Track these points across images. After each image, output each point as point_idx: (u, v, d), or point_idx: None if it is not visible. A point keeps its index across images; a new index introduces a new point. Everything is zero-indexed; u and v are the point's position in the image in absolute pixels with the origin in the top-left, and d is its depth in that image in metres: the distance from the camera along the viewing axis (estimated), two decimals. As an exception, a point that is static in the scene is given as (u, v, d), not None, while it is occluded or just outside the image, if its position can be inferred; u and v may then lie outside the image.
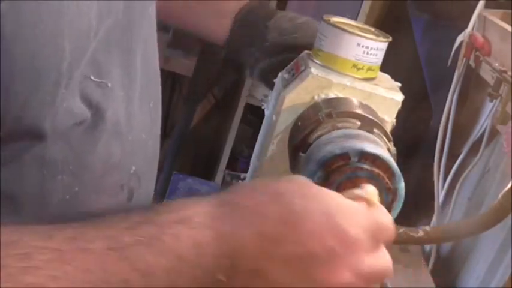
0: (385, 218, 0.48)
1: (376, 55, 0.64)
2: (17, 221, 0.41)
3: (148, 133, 0.58)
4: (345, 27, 0.64)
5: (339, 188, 0.54)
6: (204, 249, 0.43)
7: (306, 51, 0.69)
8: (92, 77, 0.47)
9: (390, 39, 0.65)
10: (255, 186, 0.48)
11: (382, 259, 0.47)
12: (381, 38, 0.65)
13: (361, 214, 0.47)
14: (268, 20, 0.76)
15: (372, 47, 0.64)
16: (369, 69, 0.64)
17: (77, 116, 0.46)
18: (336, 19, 0.66)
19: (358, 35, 0.63)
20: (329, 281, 0.44)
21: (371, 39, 0.64)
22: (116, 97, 0.51)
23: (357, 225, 0.45)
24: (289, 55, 0.70)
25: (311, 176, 0.56)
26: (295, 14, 0.77)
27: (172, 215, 0.44)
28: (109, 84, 0.49)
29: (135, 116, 0.54)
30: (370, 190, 0.52)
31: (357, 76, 0.64)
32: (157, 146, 0.62)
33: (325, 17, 0.66)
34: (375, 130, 0.61)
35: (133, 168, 0.55)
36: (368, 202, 0.49)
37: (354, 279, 0.45)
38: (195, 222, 0.43)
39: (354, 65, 0.64)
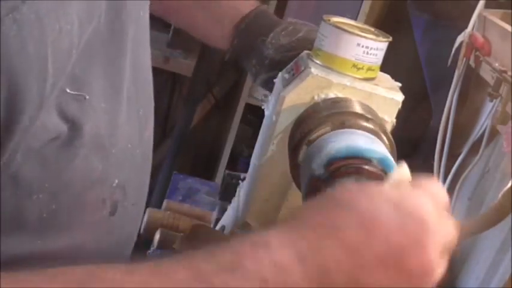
0: (436, 187, 0.50)
1: (376, 55, 0.64)
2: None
3: (137, 141, 0.57)
4: (345, 27, 0.64)
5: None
6: (289, 270, 0.42)
7: (305, 51, 0.69)
8: (68, 90, 0.45)
9: (390, 39, 0.65)
10: (318, 203, 0.47)
11: (448, 226, 0.49)
12: (380, 38, 0.65)
13: (422, 195, 0.48)
14: (267, 35, 0.75)
15: (372, 47, 0.64)
16: (369, 69, 0.64)
17: (51, 132, 0.45)
18: (336, 19, 0.66)
19: (358, 35, 0.63)
20: (422, 266, 0.45)
21: (371, 39, 0.64)
22: (96, 109, 0.48)
23: (427, 205, 0.47)
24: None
25: (311, 177, 0.56)
26: (296, 25, 0.76)
27: (245, 241, 0.44)
28: (87, 97, 0.47)
29: (120, 127, 0.52)
30: (403, 170, 0.52)
31: (357, 76, 0.64)
32: (149, 153, 0.61)
33: (325, 17, 0.66)
34: (376, 130, 0.61)
35: (116, 181, 0.53)
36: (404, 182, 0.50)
37: (439, 255, 0.47)
38: (271, 245, 0.43)
39: (354, 65, 0.64)
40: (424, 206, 0.47)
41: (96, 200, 0.52)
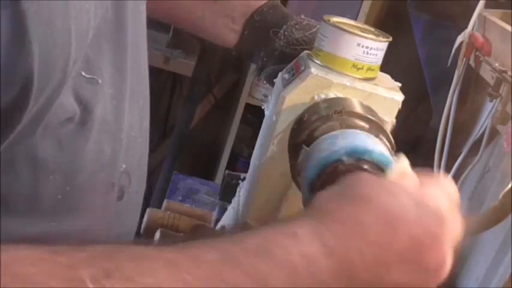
0: (450, 185, 0.51)
1: (376, 55, 0.64)
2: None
3: (138, 131, 0.58)
4: (345, 27, 0.64)
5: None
6: (317, 263, 0.42)
7: (306, 51, 0.69)
8: (83, 73, 0.46)
9: (390, 39, 0.65)
10: (341, 197, 0.47)
11: (457, 223, 0.49)
12: (380, 38, 0.65)
13: (436, 189, 0.49)
14: (279, 27, 0.75)
15: (372, 47, 0.64)
16: (369, 69, 0.64)
17: (67, 112, 0.46)
18: (336, 19, 0.66)
19: (358, 35, 0.63)
20: (438, 263, 0.46)
21: (371, 39, 0.64)
22: (105, 94, 0.50)
23: (442, 201, 0.47)
24: None
25: (312, 176, 0.56)
26: (308, 22, 0.76)
27: (273, 229, 0.44)
28: (99, 81, 0.48)
29: (124, 114, 0.54)
30: (403, 163, 0.53)
31: (357, 76, 0.64)
32: (147, 145, 0.62)
33: (325, 17, 0.66)
34: (376, 130, 0.61)
35: (124, 166, 0.54)
36: (404, 176, 0.51)
37: (450, 250, 0.47)
38: (300, 236, 0.43)
39: (354, 65, 0.64)
40: (441, 201, 0.47)
41: (106, 183, 0.53)
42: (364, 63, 0.64)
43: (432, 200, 0.47)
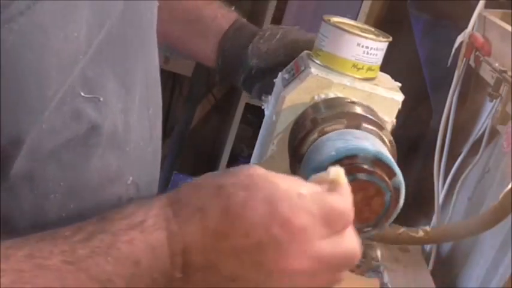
0: (339, 201, 0.47)
1: (376, 55, 0.64)
2: None
3: (148, 139, 0.58)
4: (345, 27, 0.64)
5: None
6: (159, 251, 0.43)
7: (306, 51, 0.69)
8: (83, 94, 0.46)
9: (390, 39, 0.65)
10: (200, 182, 0.47)
11: (343, 243, 0.47)
12: (380, 38, 0.65)
13: (310, 200, 0.46)
14: (247, 46, 0.75)
15: (372, 47, 0.64)
16: (369, 69, 0.64)
17: (65, 134, 0.46)
18: (336, 19, 0.66)
19: (358, 35, 0.63)
20: (284, 269, 0.44)
21: (371, 39, 0.64)
22: (113, 109, 0.50)
23: (304, 213, 0.45)
24: (277, 74, 0.70)
25: (315, 170, 0.56)
26: (272, 30, 0.76)
27: (124, 221, 0.44)
28: (101, 99, 0.48)
29: (133, 125, 0.54)
30: (333, 171, 0.50)
31: (357, 76, 0.64)
32: (158, 150, 0.62)
33: (325, 17, 0.66)
34: (375, 130, 0.61)
35: (131, 178, 0.54)
36: (332, 183, 0.48)
37: (313, 265, 0.45)
38: (147, 226, 0.44)
39: (354, 65, 0.64)
40: (302, 216, 0.45)
41: (113, 197, 0.53)
42: (364, 63, 0.64)
43: (292, 213, 0.44)
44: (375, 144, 0.57)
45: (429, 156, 1.32)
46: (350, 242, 0.47)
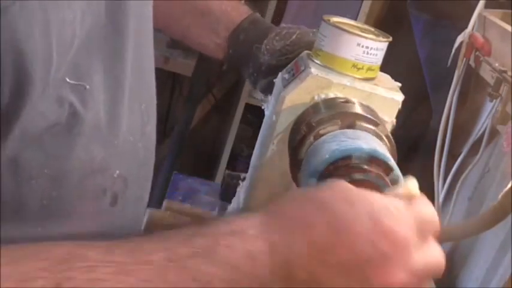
0: (428, 210, 0.49)
1: (376, 55, 0.64)
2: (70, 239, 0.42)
3: (139, 135, 0.57)
4: (345, 27, 0.64)
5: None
6: (259, 260, 0.44)
7: (306, 51, 0.69)
8: (68, 79, 0.46)
9: (390, 39, 0.65)
10: (299, 197, 0.48)
11: (432, 252, 0.48)
12: (380, 38, 0.65)
13: (405, 212, 0.47)
14: (260, 41, 0.76)
15: (372, 47, 0.63)
16: (369, 69, 0.64)
17: (49, 119, 0.46)
18: (336, 19, 0.66)
19: (358, 35, 0.63)
20: (387, 283, 0.45)
21: (371, 39, 0.64)
22: (97, 100, 0.49)
23: (404, 224, 0.46)
24: None
25: (312, 175, 0.56)
26: (288, 30, 0.76)
27: (224, 227, 0.45)
28: (87, 87, 0.48)
29: (121, 119, 0.53)
30: (409, 184, 0.52)
31: (357, 76, 0.64)
32: (151, 148, 0.62)
33: (325, 17, 0.66)
34: (370, 127, 0.61)
35: (118, 171, 0.54)
36: (409, 196, 0.50)
37: (411, 277, 0.45)
38: (247, 234, 0.44)
39: (354, 65, 0.64)
40: (403, 228, 0.46)
41: (97, 189, 0.52)
42: (364, 63, 0.64)
43: (395, 225, 0.45)
44: (368, 142, 0.57)
45: (429, 156, 1.32)
46: (436, 251, 0.48)
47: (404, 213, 0.47)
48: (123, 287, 0.40)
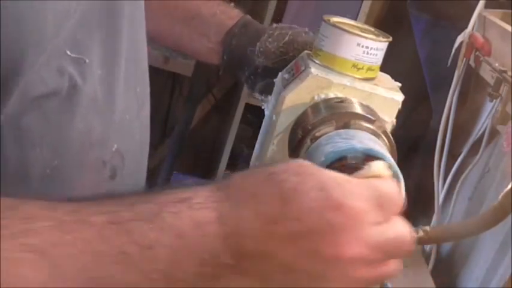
0: (389, 187, 0.47)
1: (376, 55, 0.64)
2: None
3: (135, 116, 0.59)
4: (345, 27, 0.64)
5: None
6: (206, 229, 0.43)
7: (306, 51, 0.69)
8: (69, 52, 0.48)
9: (390, 39, 0.65)
10: (249, 172, 0.48)
11: (396, 228, 0.46)
12: (380, 38, 0.65)
13: (362, 186, 0.46)
14: (253, 44, 0.75)
15: (372, 47, 0.64)
16: (369, 69, 0.64)
17: (50, 87, 0.47)
18: (336, 19, 0.66)
19: (358, 35, 0.63)
20: (338, 255, 0.44)
21: (371, 39, 0.64)
22: (94, 74, 0.51)
23: (358, 197, 0.45)
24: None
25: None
26: (281, 30, 0.75)
27: (171, 195, 0.44)
28: (86, 60, 0.50)
29: (118, 97, 0.55)
30: (375, 166, 0.50)
31: (357, 76, 0.64)
32: (146, 132, 0.63)
33: (325, 17, 0.66)
34: (376, 130, 0.61)
35: (115, 146, 0.55)
36: (375, 177, 0.48)
37: (366, 250, 0.44)
38: (195, 202, 0.43)
39: (354, 65, 0.64)
40: (355, 200, 0.44)
41: (97, 161, 0.53)
42: (364, 63, 0.64)
43: (348, 194, 0.44)
44: (362, 140, 0.57)
45: (429, 156, 1.32)
46: (401, 228, 0.47)
47: (358, 187, 0.45)
48: (59, 242, 0.40)
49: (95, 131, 0.52)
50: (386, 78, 0.69)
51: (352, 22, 0.68)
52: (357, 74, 0.64)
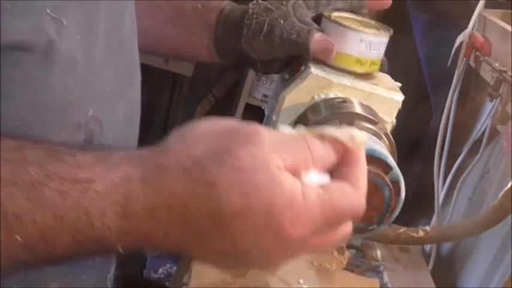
0: (350, 204, 0.44)
1: (379, 49, 0.64)
2: None
3: (117, 93, 0.58)
4: (347, 24, 0.64)
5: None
6: (132, 186, 0.41)
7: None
8: (49, 11, 0.48)
9: (391, 31, 0.65)
10: (188, 164, 0.42)
11: (332, 237, 0.45)
12: (382, 32, 0.65)
13: (315, 206, 0.42)
14: (239, 42, 0.70)
15: (375, 42, 0.64)
16: (372, 63, 0.64)
17: (24, 39, 0.47)
18: (336, 14, 0.66)
19: (361, 31, 0.63)
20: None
21: (373, 34, 0.64)
22: (72, 37, 0.51)
23: (306, 222, 0.42)
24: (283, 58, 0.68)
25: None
26: (257, 16, 0.69)
27: (76, 168, 0.42)
28: (64, 22, 0.50)
29: (97, 66, 0.55)
30: (347, 133, 0.45)
31: (359, 71, 0.64)
32: (134, 115, 0.63)
33: (325, 12, 0.66)
34: (376, 130, 0.61)
35: (92, 111, 0.54)
36: (351, 142, 0.44)
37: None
38: (92, 189, 0.41)
39: (358, 61, 0.64)
40: (304, 227, 0.42)
41: (71, 122, 0.53)
42: (367, 58, 0.64)
43: (294, 221, 0.41)
44: (375, 145, 0.57)
45: (429, 156, 1.32)
46: (337, 236, 0.45)
47: (313, 209, 0.42)
48: None
49: (71, 92, 0.52)
50: (386, 78, 0.69)
51: (351, 16, 0.68)
52: (360, 69, 0.64)
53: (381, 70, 0.68)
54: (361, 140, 0.45)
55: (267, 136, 0.44)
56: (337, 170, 0.45)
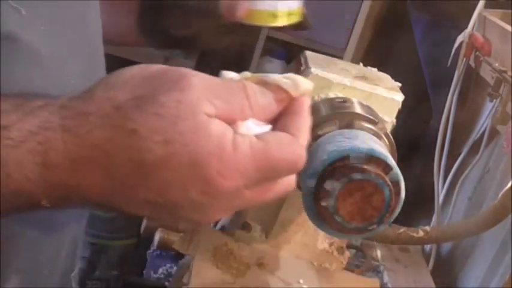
0: (286, 156, 0.42)
1: None
2: None
3: (82, 86, 0.57)
4: None
5: (340, 189, 0.54)
6: (15, 177, 0.39)
7: (306, 51, 0.69)
8: (11, 2, 0.46)
9: None
10: (111, 112, 0.40)
11: (268, 193, 0.43)
12: None
13: (247, 155, 0.40)
14: (160, 20, 0.70)
15: None
16: (290, 14, 0.65)
17: None
18: None
19: None
20: (201, 221, 0.42)
21: None
22: (35, 28, 0.49)
23: (235, 173, 0.40)
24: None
25: (311, 177, 0.56)
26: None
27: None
28: (23, 12, 0.47)
29: (61, 58, 0.53)
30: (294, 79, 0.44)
31: (277, 25, 0.65)
32: None
33: None
34: (376, 130, 0.61)
35: (59, 102, 0.54)
36: (295, 88, 0.43)
37: (233, 210, 0.42)
38: (6, 137, 0.39)
39: (272, 14, 0.64)
40: (233, 178, 0.40)
41: None
42: (282, 10, 0.64)
43: (223, 171, 0.39)
44: (366, 141, 0.57)
45: (429, 156, 1.32)
46: (275, 191, 0.44)
47: (245, 158, 0.40)
48: None
49: (35, 84, 0.50)
50: (386, 78, 0.69)
51: None
52: (277, 22, 0.64)
53: (305, 23, 0.68)
54: (306, 88, 0.43)
55: (196, 81, 0.41)
56: (280, 120, 0.43)
